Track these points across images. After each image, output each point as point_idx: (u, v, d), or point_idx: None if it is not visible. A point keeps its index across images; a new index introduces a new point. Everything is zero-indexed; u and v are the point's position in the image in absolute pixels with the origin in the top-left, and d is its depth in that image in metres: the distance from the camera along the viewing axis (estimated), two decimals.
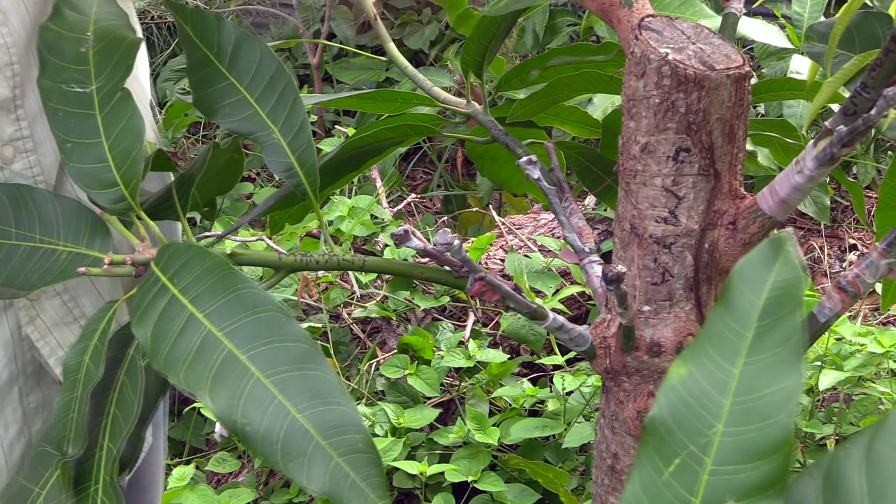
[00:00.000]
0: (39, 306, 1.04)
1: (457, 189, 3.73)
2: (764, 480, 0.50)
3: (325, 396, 0.75)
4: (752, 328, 0.54)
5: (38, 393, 1.07)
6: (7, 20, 0.96)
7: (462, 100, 1.15)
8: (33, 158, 1.01)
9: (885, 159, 3.11)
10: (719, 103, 0.83)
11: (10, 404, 1.04)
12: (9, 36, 0.96)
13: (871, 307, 2.77)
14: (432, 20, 4.23)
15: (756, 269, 0.55)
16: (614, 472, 0.95)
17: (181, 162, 3.80)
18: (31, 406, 1.06)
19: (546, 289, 2.43)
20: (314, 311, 2.68)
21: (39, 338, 1.05)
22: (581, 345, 0.92)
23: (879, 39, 0.90)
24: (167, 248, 0.85)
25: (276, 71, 0.93)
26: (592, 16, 1.70)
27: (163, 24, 4.53)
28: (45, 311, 1.05)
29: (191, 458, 2.54)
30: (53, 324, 1.05)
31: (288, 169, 0.92)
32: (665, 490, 0.51)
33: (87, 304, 1.08)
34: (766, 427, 0.50)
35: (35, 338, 1.04)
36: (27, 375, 1.05)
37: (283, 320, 0.78)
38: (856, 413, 2.15)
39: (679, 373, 0.54)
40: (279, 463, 0.73)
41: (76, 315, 1.06)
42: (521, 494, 2.09)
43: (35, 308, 1.04)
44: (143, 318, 0.81)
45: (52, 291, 1.05)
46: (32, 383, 1.06)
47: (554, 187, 1.02)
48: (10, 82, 0.97)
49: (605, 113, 2.53)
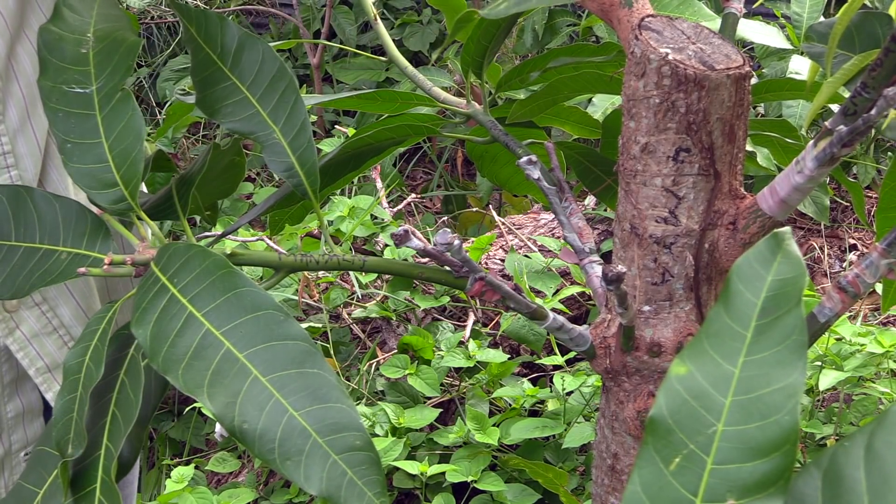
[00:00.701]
0: (18, 318, 1.04)
1: (457, 189, 3.73)
2: (765, 479, 0.50)
3: (324, 396, 0.75)
4: (750, 327, 0.54)
5: (16, 401, 1.06)
6: None
7: (462, 100, 1.15)
8: (15, 174, 1.01)
9: (885, 159, 3.11)
10: (719, 103, 0.83)
11: None
12: None
13: (871, 307, 2.77)
14: (432, 20, 4.23)
15: (754, 267, 0.55)
16: (614, 472, 0.95)
17: (181, 162, 3.80)
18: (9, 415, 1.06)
19: (546, 289, 2.43)
20: (314, 311, 2.68)
21: (19, 349, 1.04)
22: (581, 345, 0.92)
23: (879, 39, 0.90)
24: (167, 248, 0.85)
25: (278, 71, 0.93)
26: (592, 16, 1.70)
27: (163, 24, 4.53)
28: (24, 323, 1.04)
29: (191, 458, 2.54)
30: (32, 335, 1.05)
31: (288, 169, 0.92)
32: (666, 489, 0.51)
33: (66, 314, 1.07)
34: (767, 426, 0.50)
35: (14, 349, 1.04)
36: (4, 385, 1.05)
37: (282, 320, 0.78)
38: (856, 413, 2.15)
39: (679, 372, 0.54)
40: (276, 462, 0.73)
41: (55, 325, 1.06)
42: (521, 494, 2.09)
43: (14, 320, 1.04)
44: (142, 317, 0.81)
45: (30, 302, 1.05)
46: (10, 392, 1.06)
47: (554, 187, 1.02)
48: None
49: (605, 113, 2.53)
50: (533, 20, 3.43)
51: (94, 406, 0.85)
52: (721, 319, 0.54)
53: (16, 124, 1.01)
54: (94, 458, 0.84)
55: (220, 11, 4.16)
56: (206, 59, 0.93)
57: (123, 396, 0.84)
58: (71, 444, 0.82)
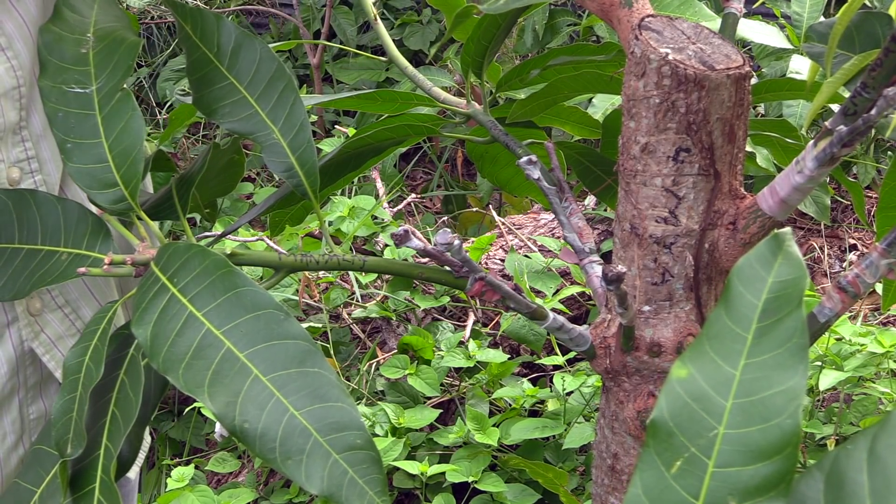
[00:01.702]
0: (43, 321, 1.05)
1: (457, 189, 3.73)
2: (767, 482, 0.50)
3: (325, 395, 0.75)
4: (751, 329, 0.53)
5: (39, 404, 1.07)
6: (12, 44, 0.97)
7: (462, 100, 1.15)
8: (39, 178, 1.02)
9: (885, 159, 3.11)
10: (719, 103, 0.82)
11: (10, 415, 1.04)
12: (14, 59, 0.98)
13: (871, 307, 2.77)
14: (432, 20, 4.23)
15: (755, 268, 0.55)
16: (614, 472, 0.95)
17: (181, 162, 3.80)
18: (31, 417, 1.06)
19: (546, 289, 2.43)
20: (314, 311, 2.68)
21: (45, 352, 1.05)
22: (581, 345, 0.92)
23: (879, 39, 0.90)
24: (167, 248, 0.85)
25: (276, 71, 0.92)
26: (592, 16, 1.70)
27: (163, 24, 4.53)
28: (49, 326, 1.05)
29: (191, 458, 2.54)
30: (57, 337, 1.06)
31: (288, 169, 0.92)
32: (667, 492, 0.51)
33: (89, 315, 1.08)
34: (769, 429, 0.50)
35: (41, 352, 1.05)
36: (28, 387, 1.06)
37: (282, 319, 0.78)
38: (856, 413, 2.15)
39: (680, 374, 0.53)
40: (277, 461, 0.73)
41: (79, 327, 1.07)
42: (521, 494, 2.09)
43: (38, 323, 1.05)
44: (142, 317, 0.81)
45: (53, 305, 1.06)
46: (34, 395, 1.07)
47: (554, 187, 1.02)
48: (18, 104, 0.98)
49: (605, 113, 2.53)
50: (533, 20, 3.42)
51: (94, 406, 0.85)
52: (722, 321, 0.54)
53: (39, 130, 1.02)
54: (93, 457, 0.84)
55: (220, 11, 4.16)
56: (202, 58, 0.92)
57: (123, 396, 0.84)
58: (70, 444, 0.82)
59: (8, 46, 0.97)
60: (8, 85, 0.97)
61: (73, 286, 1.08)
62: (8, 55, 0.97)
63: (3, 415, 1.04)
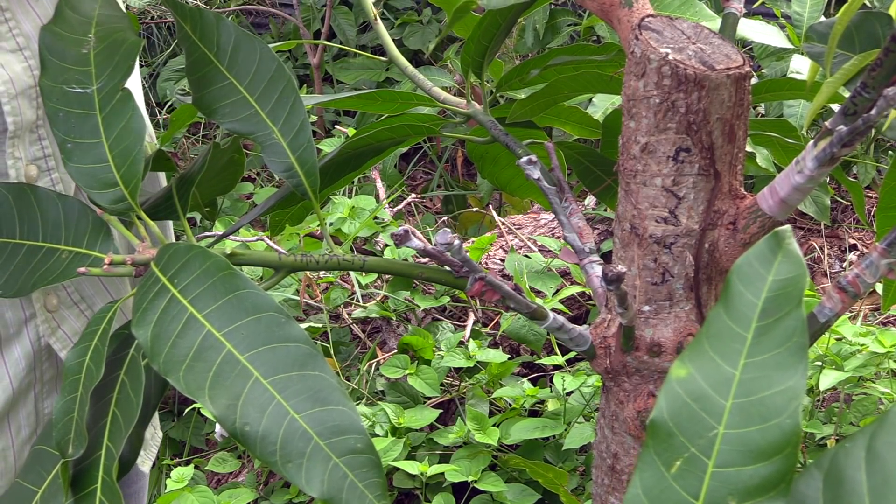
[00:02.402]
0: (60, 317, 1.06)
1: (457, 189, 3.73)
2: (767, 482, 0.50)
3: (325, 398, 0.75)
4: (751, 328, 0.53)
5: (53, 399, 1.08)
6: (29, 44, 0.98)
7: (462, 100, 1.15)
8: (56, 176, 1.03)
9: (885, 159, 3.11)
10: (719, 103, 0.83)
11: (25, 408, 1.06)
12: (32, 59, 0.98)
13: (871, 307, 2.77)
14: (432, 20, 4.23)
15: (755, 267, 0.55)
16: (614, 472, 0.95)
17: (181, 162, 3.80)
18: (45, 411, 1.08)
19: (546, 289, 2.43)
20: (314, 311, 2.68)
21: (62, 348, 1.06)
22: (581, 345, 0.92)
23: (879, 39, 0.90)
24: (167, 248, 0.85)
25: (276, 71, 0.92)
26: (593, 16, 1.70)
27: (163, 24, 4.53)
28: (66, 322, 1.06)
29: (191, 458, 2.54)
30: (74, 333, 1.07)
31: (288, 169, 0.92)
32: (667, 492, 0.51)
33: None
34: (768, 429, 0.50)
35: (58, 348, 1.06)
36: (44, 382, 1.07)
37: (283, 322, 0.78)
38: (856, 413, 2.15)
39: (679, 374, 0.53)
40: (278, 464, 0.73)
41: None
42: (521, 494, 2.09)
43: (56, 320, 1.06)
44: (142, 318, 0.81)
45: (69, 301, 1.07)
46: (49, 390, 1.08)
47: (554, 187, 1.02)
48: (35, 103, 0.99)
49: (605, 113, 2.53)
50: (534, 19, 3.42)
51: (95, 406, 0.85)
52: (721, 320, 0.54)
53: None
54: (94, 458, 0.84)
55: (220, 11, 4.16)
56: (201, 58, 0.92)
57: (124, 396, 0.84)
58: (71, 445, 0.82)
59: (26, 46, 0.98)
60: (25, 84, 0.98)
61: (88, 283, 1.09)
62: (25, 55, 0.98)
63: (20, 409, 1.05)
